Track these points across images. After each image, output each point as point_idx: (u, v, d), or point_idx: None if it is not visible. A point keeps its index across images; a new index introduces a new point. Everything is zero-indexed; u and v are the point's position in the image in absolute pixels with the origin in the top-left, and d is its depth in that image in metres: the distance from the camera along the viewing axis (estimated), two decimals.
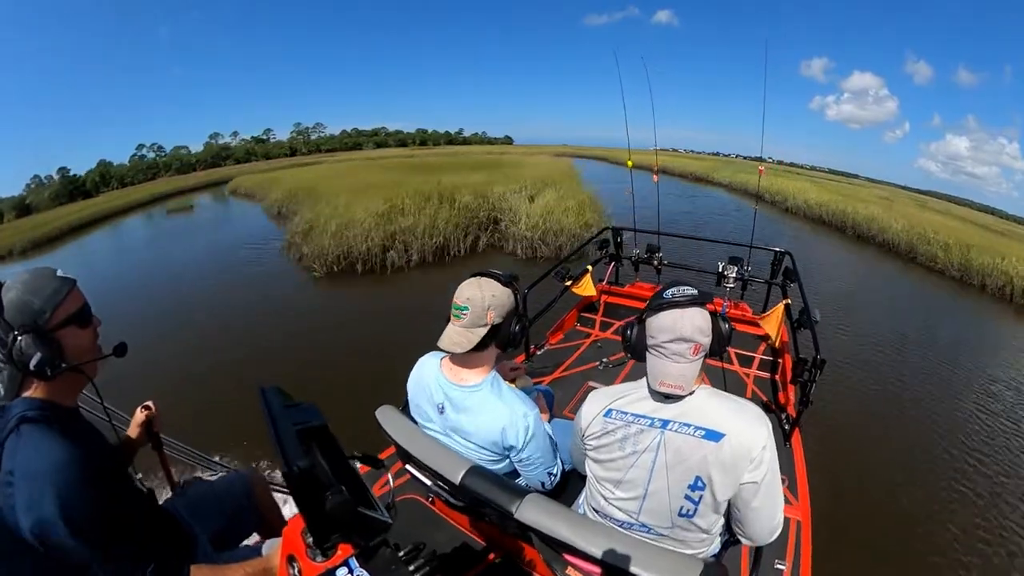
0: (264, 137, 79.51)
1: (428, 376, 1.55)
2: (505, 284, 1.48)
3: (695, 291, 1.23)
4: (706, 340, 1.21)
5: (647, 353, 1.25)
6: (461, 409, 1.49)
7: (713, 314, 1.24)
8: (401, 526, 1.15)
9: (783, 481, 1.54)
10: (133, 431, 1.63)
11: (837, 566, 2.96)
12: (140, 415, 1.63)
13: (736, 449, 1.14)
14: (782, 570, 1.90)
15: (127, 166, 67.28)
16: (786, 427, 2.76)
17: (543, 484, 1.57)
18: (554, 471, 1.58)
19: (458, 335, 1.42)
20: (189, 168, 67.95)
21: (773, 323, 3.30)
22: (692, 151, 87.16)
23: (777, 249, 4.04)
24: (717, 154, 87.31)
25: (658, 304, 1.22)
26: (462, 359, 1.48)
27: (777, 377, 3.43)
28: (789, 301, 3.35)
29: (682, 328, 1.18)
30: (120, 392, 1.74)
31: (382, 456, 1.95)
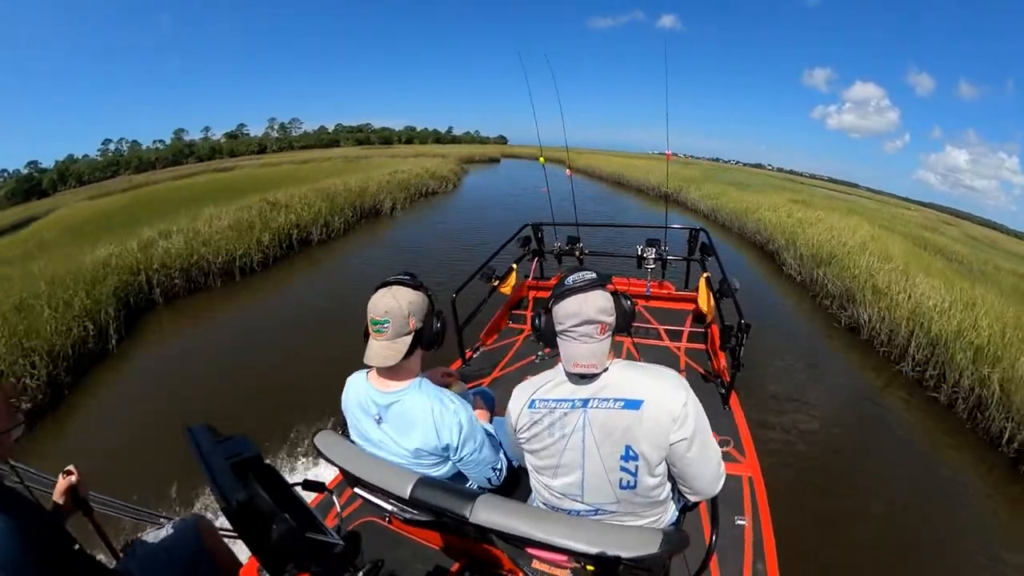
0: (236, 133, 72.95)
1: (358, 392, 1.46)
2: (416, 287, 1.41)
3: (594, 274, 1.21)
4: (610, 319, 1.18)
5: (558, 339, 1.22)
6: (395, 414, 1.41)
7: (614, 294, 1.22)
8: (362, 550, 1.18)
9: (728, 442, 2.07)
10: (58, 498, 1.45)
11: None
12: (63, 481, 1.46)
13: (657, 412, 1.12)
14: (744, 525, 1.89)
15: (85, 163, 61.66)
16: (722, 392, 2.74)
17: (489, 481, 1.52)
18: (498, 467, 1.53)
19: (385, 349, 1.34)
20: (149, 166, 62.63)
21: (702, 298, 3.34)
22: (691, 155, 79.39)
23: (691, 227, 4.10)
24: (717, 159, 79.32)
25: (561, 292, 1.20)
26: (390, 369, 1.38)
27: (707, 347, 3.37)
28: (708, 274, 3.40)
29: (586, 311, 1.15)
30: None
31: (331, 483, 1.79)
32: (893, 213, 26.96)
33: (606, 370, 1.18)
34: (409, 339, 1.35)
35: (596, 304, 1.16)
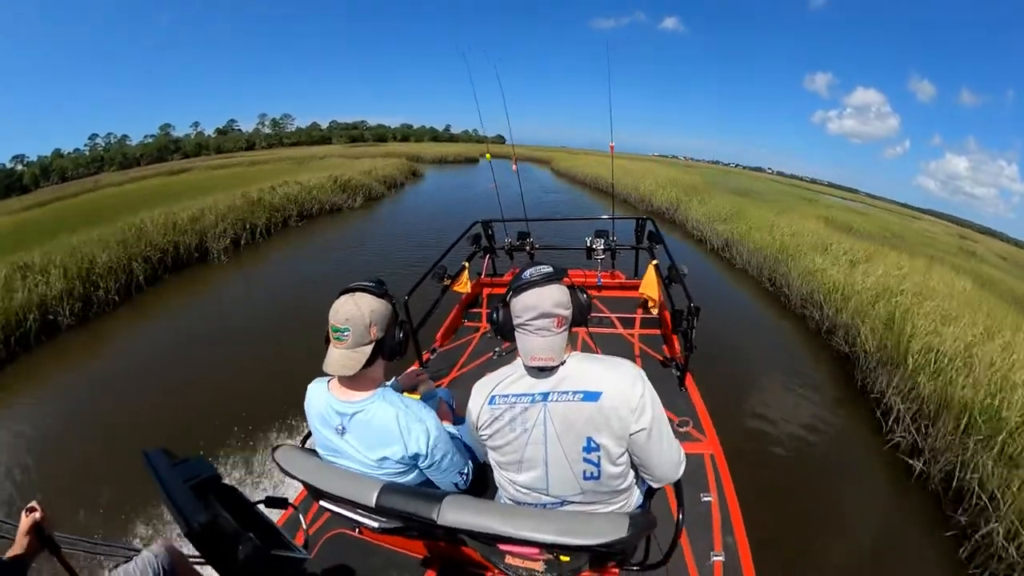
0: (227, 129, 69.01)
1: (319, 402, 1.36)
2: (380, 295, 1.30)
3: (550, 268, 1.19)
4: (567, 312, 1.17)
5: (516, 332, 1.19)
6: (358, 425, 1.31)
7: (571, 288, 1.21)
8: (334, 563, 1.24)
9: (687, 422, 2.03)
10: (21, 541, 1.29)
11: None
12: (26, 520, 1.30)
13: (616, 403, 1.11)
14: (710, 501, 1.86)
15: (69, 159, 58.29)
16: (677, 374, 2.67)
17: (456, 486, 1.44)
18: (465, 471, 1.46)
19: (345, 358, 1.24)
20: (133, 162, 59.27)
21: (651, 285, 3.22)
22: (690, 157, 74.55)
23: (638, 217, 4.03)
24: (716, 162, 74.57)
25: (518, 285, 1.18)
26: (351, 379, 1.28)
27: (660, 332, 3.32)
28: (657, 261, 3.31)
29: (543, 305, 1.14)
30: None
31: (297, 498, 1.67)
32: (921, 231, 22.39)
33: (564, 363, 1.15)
34: (370, 348, 1.25)
35: (553, 298, 1.14)
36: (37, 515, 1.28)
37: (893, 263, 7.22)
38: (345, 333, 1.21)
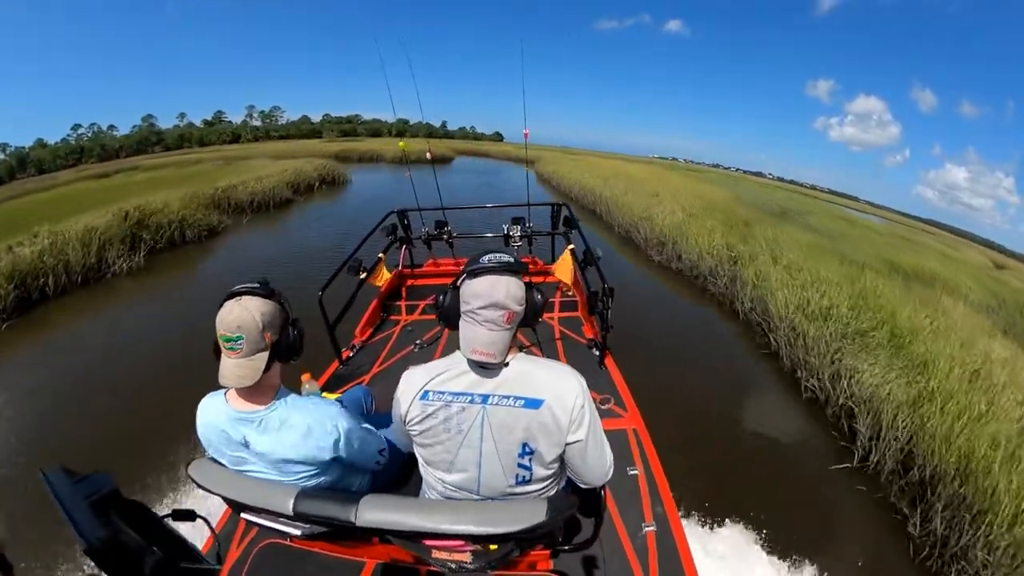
0: (214, 120, 64.24)
1: (217, 417, 1.24)
2: (267, 295, 1.19)
3: (510, 258, 1.10)
4: (519, 308, 1.08)
5: (461, 320, 1.10)
6: (264, 433, 1.22)
7: (528, 285, 1.12)
8: (266, 575, 1.14)
9: (608, 400, 2.05)
10: None
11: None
12: None
13: (556, 413, 1.06)
14: (636, 474, 1.85)
15: (48, 150, 54.28)
16: (596, 353, 2.69)
17: (379, 463, 1.43)
18: (382, 448, 1.43)
19: (241, 368, 1.14)
20: (113, 154, 55.27)
21: (565, 269, 3.17)
22: (690, 160, 70.11)
23: (554, 203, 3.98)
24: (717, 166, 69.80)
25: (473, 269, 1.08)
26: (250, 388, 1.18)
27: (578, 314, 3.36)
28: (573, 246, 3.23)
29: (496, 294, 1.05)
30: None
31: (224, 514, 1.65)
32: (983, 268, 17.43)
33: (507, 365, 1.08)
34: (266, 355, 1.16)
35: (508, 289, 1.05)
36: None
37: None
38: (239, 342, 1.12)
